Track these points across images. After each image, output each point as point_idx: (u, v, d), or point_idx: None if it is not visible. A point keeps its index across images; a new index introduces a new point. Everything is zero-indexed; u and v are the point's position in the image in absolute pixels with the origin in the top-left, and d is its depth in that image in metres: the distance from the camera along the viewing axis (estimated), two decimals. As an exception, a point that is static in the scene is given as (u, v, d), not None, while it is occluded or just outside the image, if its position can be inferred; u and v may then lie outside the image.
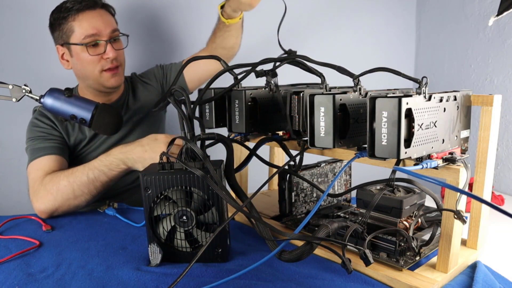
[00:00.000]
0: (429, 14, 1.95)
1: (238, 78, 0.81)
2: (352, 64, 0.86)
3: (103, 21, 1.10)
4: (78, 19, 1.08)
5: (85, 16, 1.08)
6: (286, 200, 0.86)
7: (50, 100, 0.90)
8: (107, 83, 1.14)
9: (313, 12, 1.76)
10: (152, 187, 0.69)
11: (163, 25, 1.52)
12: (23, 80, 0.94)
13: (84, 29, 1.08)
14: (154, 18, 1.51)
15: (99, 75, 1.12)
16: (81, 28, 1.08)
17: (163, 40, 1.53)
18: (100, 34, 1.09)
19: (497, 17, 1.06)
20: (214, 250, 0.71)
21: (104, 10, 1.13)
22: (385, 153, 0.57)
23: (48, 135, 1.12)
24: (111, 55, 1.10)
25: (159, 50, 1.53)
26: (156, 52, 1.52)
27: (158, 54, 1.52)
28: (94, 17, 1.09)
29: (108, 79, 1.13)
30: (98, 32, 1.09)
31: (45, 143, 1.10)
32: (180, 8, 1.53)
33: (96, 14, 1.10)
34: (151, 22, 1.50)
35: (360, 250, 0.61)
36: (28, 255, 0.77)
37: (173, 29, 1.54)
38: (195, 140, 0.70)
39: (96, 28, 1.08)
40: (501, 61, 1.61)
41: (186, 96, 0.72)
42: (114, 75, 1.14)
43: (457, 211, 0.63)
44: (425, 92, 0.59)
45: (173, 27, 1.54)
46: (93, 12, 1.09)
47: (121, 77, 1.17)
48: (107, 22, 1.11)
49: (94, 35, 1.08)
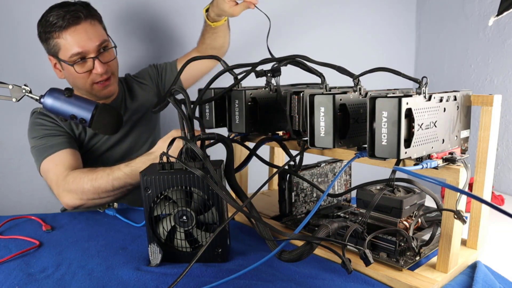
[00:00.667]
0: (429, 14, 1.95)
1: (238, 78, 0.81)
2: (352, 64, 0.85)
3: (89, 37, 1.05)
4: (63, 36, 1.04)
5: (69, 33, 1.04)
6: (286, 200, 0.86)
7: (50, 100, 0.90)
8: (99, 94, 1.13)
9: (313, 12, 1.76)
10: (152, 187, 0.69)
11: (159, 24, 1.52)
12: (23, 80, 0.94)
13: (70, 47, 1.04)
14: (151, 18, 1.51)
15: (91, 87, 1.11)
16: (66, 46, 1.04)
17: (159, 39, 1.53)
18: (86, 51, 1.05)
19: (497, 17, 1.06)
20: (214, 250, 0.71)
21: (89, 23, 1.07)
22: (385, 153, 0.57)
23: (56, 131, 1.12)
24: (99, 70, 1.07)
25: (155, 50, 1.53)
26: (152, 51, 1.52)
27: (154, 53, 1.52)
28: (79, 33, 1.04)
29: (99, 91, 1.13)
30: (84, 50, 1.05)
31: (56, 140, 1.09)
32: (177, 7, 1.53)
33: (81, 29, 1.05)
34: (147, 21, 1.50)
35: (360, 250, 0.61)
36: (28, 255, 0.77)
37: (170, 28, 1.54)
38: (195, 140, 0.70)
39: (82, 46, 1.04)
40: (501, 61, 1.61)
41: (186, 96, 0.72)
42: (106, 87, 1.13)
43: (457, 211, 0.63)
44: (425, 92, 0.59)
45: (169, 26, 1.54)
46: (77, 27, 1.04)
47: (114, 85, 1.15)
48: (94, 36, 1.06)
49: (81, 53, 1.05)
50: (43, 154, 1.07)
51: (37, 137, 1.10)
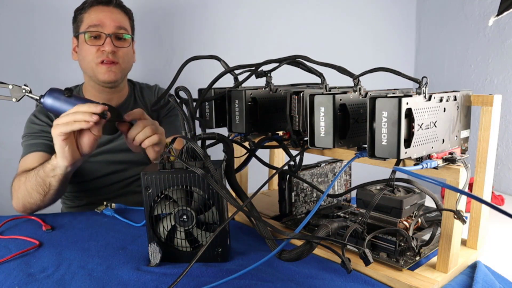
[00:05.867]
0: (429, 14, 1.95)
1: (239, 78, 0.81)
2: (352, 64, 0.86)
3: (111, 16, 1.14)
4: (89, 11, 1.14)
5: (95, 9, 1.14)
6: (286, 200, 0.86)
7: (50, 100, 0.90)
8: (101, 76, 1.14)
9: (313, 12, 1.76)
10: (152, 186, 0.70)
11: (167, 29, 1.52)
12: (23, 80, 0.94)
13: (90, 20, 1.13)
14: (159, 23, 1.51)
15: (95, 66, 1.14)
16: (88, 19, 1.13)
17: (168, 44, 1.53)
18: (103, 26, 1.12)
19: (497, 17, 1.06)
20: (214, 249, 0.71)
21: (118, 9, 1.17)
22: (385, 153, 0.57)
23: (42, 132, 1.13)
24: (107, 48, 1.12)
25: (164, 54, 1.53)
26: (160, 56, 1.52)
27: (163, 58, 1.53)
28: (103, 11, 1.14)
29: (102, 73, 1.14)
30: (101, 24, 1.12)
31: (36, 140, 1.11)
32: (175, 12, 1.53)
33: (106, 9, 1.15)
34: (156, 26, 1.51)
35: (360, 249, 0.61)
36: (28, 255, 0.77)
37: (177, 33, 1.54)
38: (195, 140, 0.70)
39: (100, 20, 1.12)
40: (501, 61, 1.61)
41: (189, 96, 0.72)
42: (109, 70, 1.14)
43: (457, 211, 0.63)
44: (425, 92, 0.59)
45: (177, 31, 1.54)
46: (104, 7, 1.15)
47: (116, 74, 1.16)
48: (115, 18, 1.15)
49: (97, 25, 1.12)
50: (24, 151, 1.11)
51: (25, 133, 1.15)
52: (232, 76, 0.83)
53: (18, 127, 1.29)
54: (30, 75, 1.31)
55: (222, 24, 1.60)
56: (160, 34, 1.51)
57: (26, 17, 1.31)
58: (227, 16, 1.60)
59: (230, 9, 1.60)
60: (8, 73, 1.30)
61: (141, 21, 1.48)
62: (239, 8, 1.62)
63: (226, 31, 1.60)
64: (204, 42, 1.57)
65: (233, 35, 1.62)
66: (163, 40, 1.53)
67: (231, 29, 1.61)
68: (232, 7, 1.60)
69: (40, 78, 1.31)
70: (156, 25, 1.51)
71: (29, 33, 1.33)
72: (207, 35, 1.58)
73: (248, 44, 1.64)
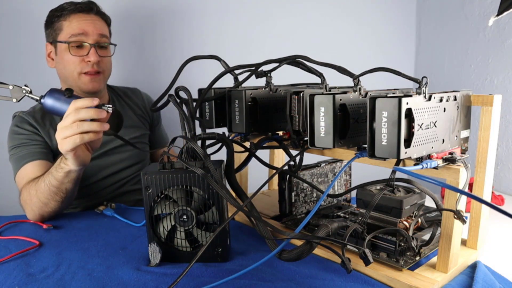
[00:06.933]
0: (429, 14, 1.95)
1: (239, 78, 0.81)
2: (352, 64, 0.86)
3: (93, 25, 1.11)
4: (69, 19, 1.10)
5: (76, 17, 1.10)
6: (286, 200, 0.86)
7: (51, 101, 0.90)
8: (84, 87, 1.12)
9: (313, 12, 1.76)
10: (152, 186, 0.70)
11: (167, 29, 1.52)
12: (23, 81, 0.94)
13: (72, 29, 1.09)
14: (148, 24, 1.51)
15: (78, 77, 1.11)
16: (69, 27, 1.09)
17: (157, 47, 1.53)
18: (86, 35, 1.10)
19: (497, 17, 1.06)
20: (214, 249, 0.71)
21: (98, 17, 1.14)
22: (385, 153, 0.57)
23: (31, 140, 1.10)
24: (92, 58, 1.09)
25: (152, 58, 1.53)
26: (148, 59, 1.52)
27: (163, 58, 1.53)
28: (85, 19, 1.11)
29: (86, 83, 1.12)
30: (84, 33, 1.09)
31: (28, 149, 1.08)
32: (175, 12, 1.53)
33: (88, 17, 1.12)
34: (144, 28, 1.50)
35: (360, 249, 0.61)
36: (28, 255, 0.77)
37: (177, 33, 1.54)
38: (196, 140, 0.70)
39: (83, 29, 1.09)
40: (501, 61, 1.61)
41: (189, 96, 0.72)
42: (93, 80, 1.12)
43: (457, 211, 0.63)
44: (425, 92, 0.59)
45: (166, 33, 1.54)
46: (85, 15, 1.11)
47: (100, 83, 1.15)
48: (97, 26, 1.12)
49: (80, 35, 1.09)
50: (16, 165, 1.07)
51: (12, 146, 1.10)
52: (232, 76, 0.83)
53: (18, 127, 1.29)
54: (30, 75, 1.31)
55: (222, 24, 1.60)
56: (160, 34, 1.51)
57: (26, 17, 1.31)
58: (227, 16, 1.60)
59: (231, 9, 1.60)
60: (8, 73, 1.30)
61: (141, 21, 1.49)
62: (239, 8, 1.62)
63: (226, 31, 1.60)
64: (205, 42, 1.57)
65: (233, 35, 1.62)
66: (163, 40, 1.53)
67: (231, 29, 1.61)
68: (232, 7, 1.60)
69: (40, 79, 1.31)
70: (156, 25, 1.51)
71: (29, 33, 1.32)
72: (207, 35, 1.58)
73: (248, 44, 1.64)
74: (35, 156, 1.07)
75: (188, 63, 0.84)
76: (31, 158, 1.06)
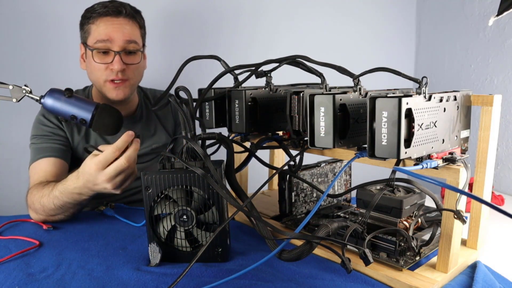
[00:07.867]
0: (429, 14, 1.95)
1: (239, 78, 0.81)
2: (352, 64, 0.86)
3: (120, 30, 1.06)
4: (97, 23, 1.06)
5: (104, 21, 1.06)
6: (286, 200, 0.86)
7: (51, 101, 0.90)
8: (109, 94, 1.09)
9: (313, 12, 1.76)
10: (152, 186, 0.70)
11: (167, 29, 1.52)
12: (23, 80, 0.94)
13: (98, 34, 1.05)
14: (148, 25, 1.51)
15: (103, 84, 1.08)
16: (96, 32, 1.06)
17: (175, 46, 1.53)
18: (112, 42, 1.05)
19: (497, 17, 1.06)
20: (214, 249, 0.71)
21: (128, 20, 1.08)
22: (385, 153, 0.57)
23: (53, 135, 1.10)
24: (116, 67, 1.05)
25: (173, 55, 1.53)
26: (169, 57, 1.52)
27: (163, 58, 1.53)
28: (112, 24, 1.06)
29: (110, 90, 1.09)
30: (110, 39, 1.05)
31: (49, 143, 1.08)
32: (175, 12, 1.53)
33: (116, 22, 1.06)
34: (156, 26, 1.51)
35: (360, 249, 0.61)
36: (28, 255, 0.77)
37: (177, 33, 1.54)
38: (196, 140, 0.70)
39: (109, 35, 1.05)
40: (501, 61, 1.61)
41: (189, 96, 0.72)
42: (117, 88, 1.08)
43: (457, 211, 0.63)
44: (425, 92, 0.59)
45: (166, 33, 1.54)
46: (113, 19, 1.06)
47: (125, 91, 1.10)
48: (125, 32, 1.07)
49: (105, 41, 1.05)
50: (35, 155, 1.07)
51: (35, 135, 1.10)
52: (232, 76, 0.83)
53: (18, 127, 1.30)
54: (30, 75, 1.31)
55: (223, 24, 1.60)
56: (160, 34, 1.51)
57: (26, 17, 1.31)
58: (228, 16, 1.60)
59: (231, 9, 1.60)
60: (8, 73, 1.30)
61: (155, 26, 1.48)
62: (239, 8, 1.62)
63: (226, 31, 1.61)
64: (205, 42, 1.58)
65: (233, 35, 1.62)
66: (163, 40, 1.53)
67: (231, 29, 1.62)
68: (232, 7, 1.61)
69: (40, 79, 1.31)
70: (156, 25, 1.51)
71: (30, 33, 1.33)
72: (207, 35, 1.58)
73: (248, 44, 1.64)
74: (53, 153, 1.07)
75: (188, 63, 0.84)
76: (48, 154, 1.06)
